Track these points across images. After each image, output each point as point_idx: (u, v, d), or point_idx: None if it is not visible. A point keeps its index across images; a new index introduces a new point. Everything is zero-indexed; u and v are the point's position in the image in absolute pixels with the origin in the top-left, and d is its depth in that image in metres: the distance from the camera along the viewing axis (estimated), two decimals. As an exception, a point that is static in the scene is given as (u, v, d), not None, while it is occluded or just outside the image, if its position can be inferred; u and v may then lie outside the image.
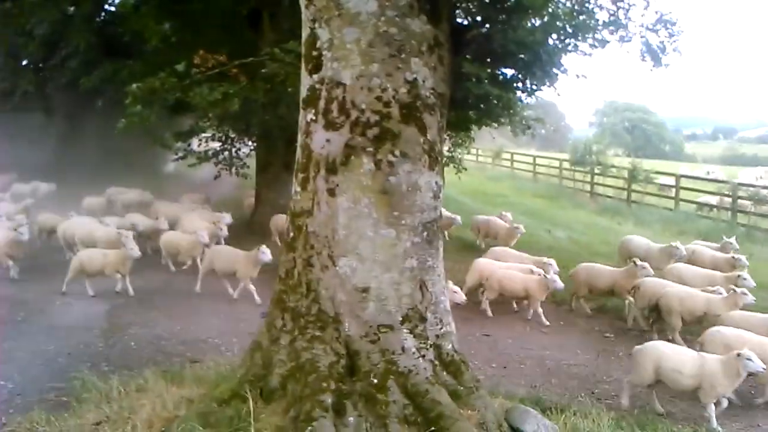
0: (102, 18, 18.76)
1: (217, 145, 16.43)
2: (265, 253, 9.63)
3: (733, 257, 10.55)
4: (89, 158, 24.14)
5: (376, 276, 4.46)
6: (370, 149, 4.43)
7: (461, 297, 8.40)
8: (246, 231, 14.53)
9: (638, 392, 6.71)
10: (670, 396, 6.74)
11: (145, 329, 8.22)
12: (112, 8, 19.64)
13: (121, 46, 18.10)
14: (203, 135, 16.22)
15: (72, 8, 15.82)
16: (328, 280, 4.50)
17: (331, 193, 4.49)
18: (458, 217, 15.07)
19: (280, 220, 12.68)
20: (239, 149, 16.30)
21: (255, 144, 16.32)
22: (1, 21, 15.37)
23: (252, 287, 9.74)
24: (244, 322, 8.56)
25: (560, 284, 9.04)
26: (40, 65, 22.38)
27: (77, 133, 25.68)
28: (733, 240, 11.73)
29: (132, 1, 14.70)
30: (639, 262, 9.14)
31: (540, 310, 9.18)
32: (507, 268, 9.74)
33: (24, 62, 23.07)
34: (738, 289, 7.90)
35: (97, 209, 15.56)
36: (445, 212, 16.00)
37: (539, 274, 9.18)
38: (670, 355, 6.26)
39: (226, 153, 15.80)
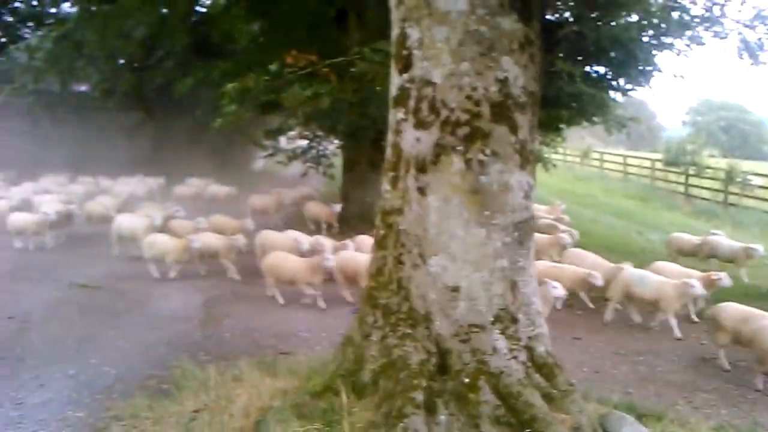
0: (193, 19, 19.43)
1: (304, 143, 16.75)
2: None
3: None
4: (182, 156, 25.16)
5: (467, 275, 4.45)
6: (460, 148, 4.43)
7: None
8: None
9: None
10: None
11: (239, 321, 8.44)
12: (203, 9, 20.42)
13: (212, 47, 18.76)
14: (291, 133, 16.58)
15: (166, 10, 16.40)
16: (418, 278, 4.53)
17: (422, 192, 4.52)
18: (760, 248, 11.37)
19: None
20: (326, 147, 16.56)
21: (341, 142, 16.57)
22: (101, 23, 16.07)
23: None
24: (331, 317, 8.70)
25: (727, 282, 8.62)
26: (137, 66, 23.38)
27: (171, 132, 26.81)
28: None
29: (222, 2, 15.19)
30: None
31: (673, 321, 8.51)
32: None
33: (121, 63, 24.19)
34: None
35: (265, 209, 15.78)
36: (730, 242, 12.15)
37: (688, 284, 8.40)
38: None
39: (314, 151, 16.08)
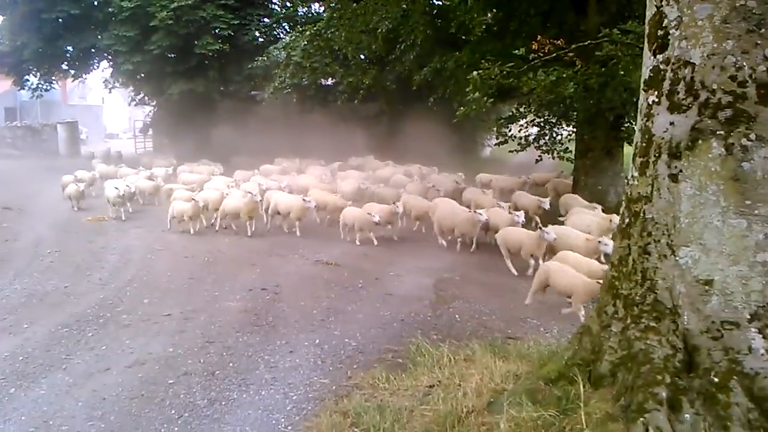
0: (432, 12, 20.04)
1: (534, 130, 16.56)
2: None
3: None
4: (413, 144, 26.14)
5: (722, 269, 4.13)
6: (721, 132, 4.11)
7: None
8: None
9: None
10: None
11: (468, 304, 8.65)
12: (439, 2, 20.96)
13: (448, 38, 19.23)
14: (523, 121, 16.48)
15: (406, 6, 17.10)
16: (666, 269, 4.31)
17: (674, 178, 4.28)
18: None
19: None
20: (558, 133, 16.22)
21: (574, 129, 16.11)
22: (349, 21, 17.21)
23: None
24: (563, 306, 8.57)
25: None
26: (380, 60, 24.61)
27: (404, 122, 28.01)
28: None
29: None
30: None
31: None
32: None
33: (363, 58, 25.66)
34: None
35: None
36: None
37: None
38: None
39: (546, 138, 15.83)
